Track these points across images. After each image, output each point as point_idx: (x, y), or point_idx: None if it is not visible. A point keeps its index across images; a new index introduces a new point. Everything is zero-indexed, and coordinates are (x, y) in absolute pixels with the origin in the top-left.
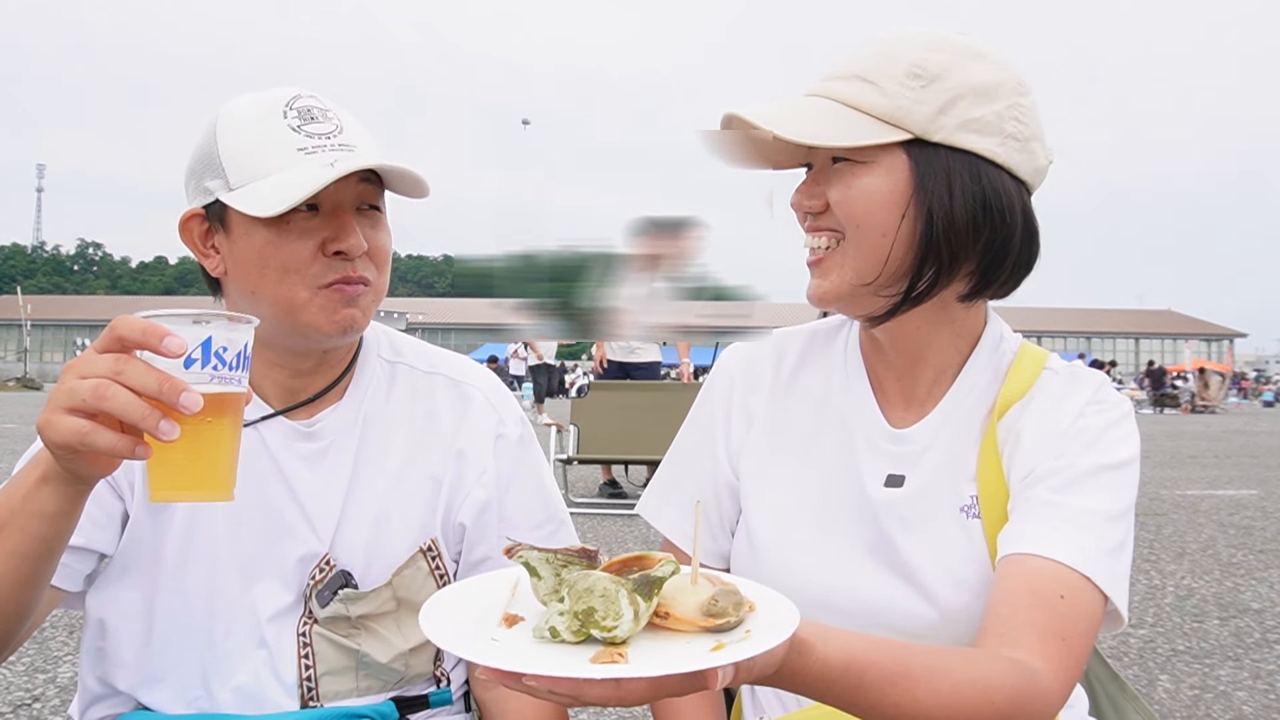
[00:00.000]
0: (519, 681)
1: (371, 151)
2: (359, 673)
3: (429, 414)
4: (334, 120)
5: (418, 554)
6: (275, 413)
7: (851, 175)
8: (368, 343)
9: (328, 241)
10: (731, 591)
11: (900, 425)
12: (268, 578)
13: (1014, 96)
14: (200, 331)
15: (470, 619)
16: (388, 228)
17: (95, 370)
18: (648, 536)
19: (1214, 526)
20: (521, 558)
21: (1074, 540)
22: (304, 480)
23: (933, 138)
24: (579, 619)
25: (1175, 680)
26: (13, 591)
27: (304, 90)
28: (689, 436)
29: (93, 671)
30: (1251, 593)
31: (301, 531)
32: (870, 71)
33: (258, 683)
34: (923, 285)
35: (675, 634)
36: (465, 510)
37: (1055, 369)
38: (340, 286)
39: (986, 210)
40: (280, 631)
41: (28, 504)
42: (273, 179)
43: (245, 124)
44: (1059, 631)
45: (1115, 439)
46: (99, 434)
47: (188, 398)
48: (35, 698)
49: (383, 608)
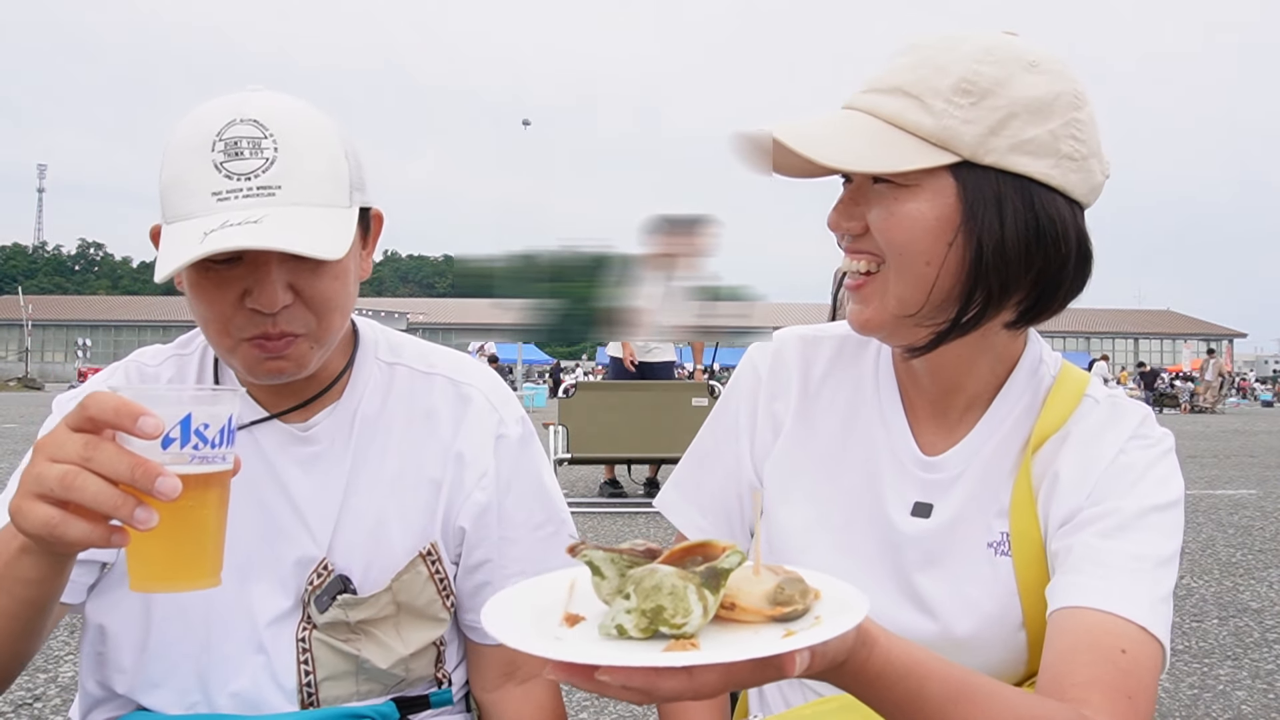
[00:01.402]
0: (590, 678)
1: (298, 192)
2: (359, 678)
3: (428, 415)
4: (265, 153)
5: (417, 558)
6: (270, 416)
7: (893, 199)
8: (365, 343)
9: (246, 294)
10: (796, 579)
11: (931, 450)
12: (265, 583)
13: (1070, 111)
14: (179, 409)
15: (530, 619)
16: (339, 268)
17: (64, 454)
18: (649, 536)
19: (1213, 526)
20: (585, 556)
21: (1129, 591)
22: (300, 484)
23: (983, 160)
24: (646, 617)
25: (1174, 680)
26: (11, 645)
27: (255, 105)
28: (712, 433)
29: (92, 675)
30: (1250, 592)
31: (298, 536)
32: (914, 85)
33: (256, 688)
34: (969, 317)
35: (742, 625)
36: (465, 514)
37: (1096, 397)
38: (259, 343)
39: (1040, 238)
40: (278, 637)
41: (11, 571)
42: (182, 227)
43: (178, 153)
44: (1125, 689)
45: (1160, 478)
46: (69, 524)
47: (164, 483)
48: (36, 697)
49: (382, 613)
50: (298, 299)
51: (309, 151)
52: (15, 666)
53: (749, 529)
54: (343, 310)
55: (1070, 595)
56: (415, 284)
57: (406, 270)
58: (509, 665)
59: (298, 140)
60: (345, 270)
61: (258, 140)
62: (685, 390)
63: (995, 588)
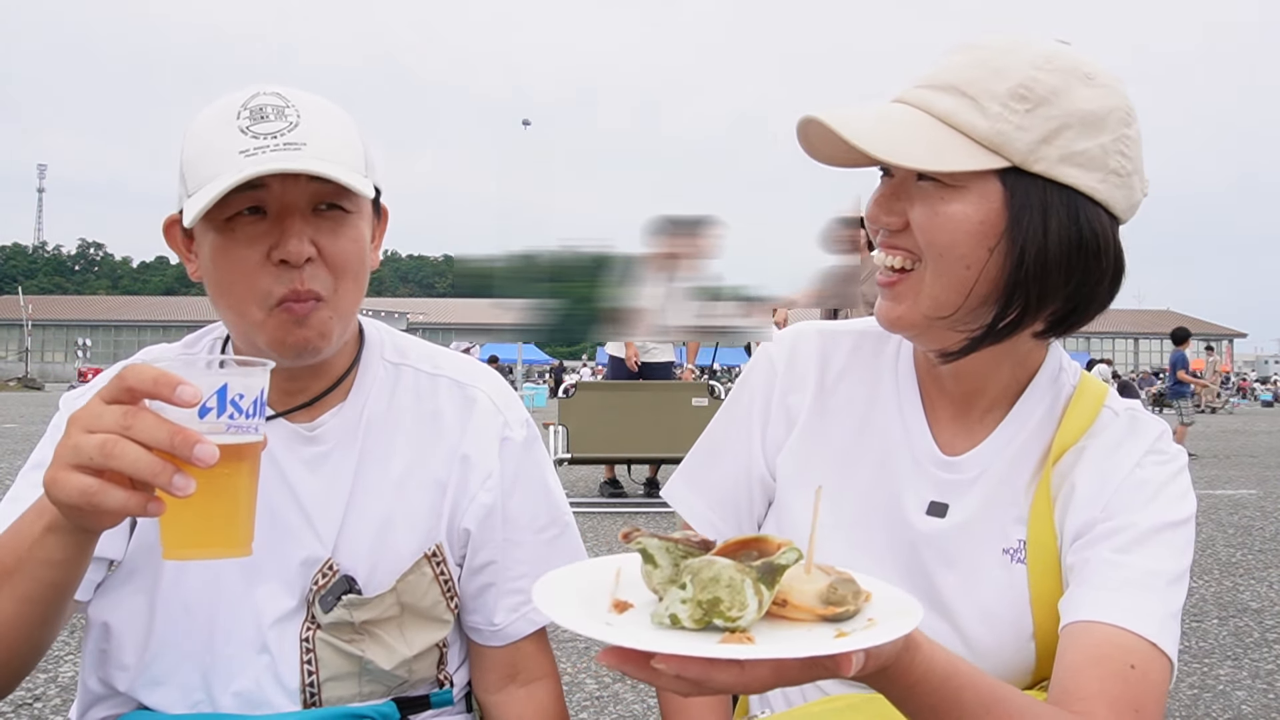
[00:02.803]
0: (643, 665)
1: (322, 150)
2: (362, 678)
3: (433, 417)
4: (289, 117)
5: (422, 559)
6: (275, 415)
7: (939, 198)
8: (370, 344)
9: (273, 248)
10: (849, 580)
11: (950, 451)
12: (269, 582)
13: (1121, 128)
14: (215, 379)
15: (578, 604)
16: (356, 232)
17: (102, 424)
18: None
19: (1213, 526)
20: (640, 544)
21: (1140, 607)
22: (306, 484)
23: (1032, 168)
24: (702, 608)
25: (1174, 680)
26: (29, 632)
27: (274, 87)
28: (723, 426)
29: (94, 673)
30: (1250, 592)
31: (304, 536)
32: (970, 85)
33: (259, 688)
34: (1005, 324)
35: (793, 622)
36: (470, 515)
37: (1115, 409)
38: (289, 305)
39: (1082, 251)
40: (282, 637)
41: (35, 552)
42: (211, 186)
43: (203, 129)
44: (1132, 703)
45: (1175, 495)
46: (108, 493)
47: (202, 450)
48: (36, 697)
49: (387, 613)
50: (320, 256)
51: (328, 123)
52: (32, 657)
53: (757, 522)
54: (357, 281)
55: (1083, 609)
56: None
57: (406, 270)
58: (512, 667)
59: (317, 114)
60: (361, 236)
61: (281, 107)
62: (685, 390)
63: (1009, 593)
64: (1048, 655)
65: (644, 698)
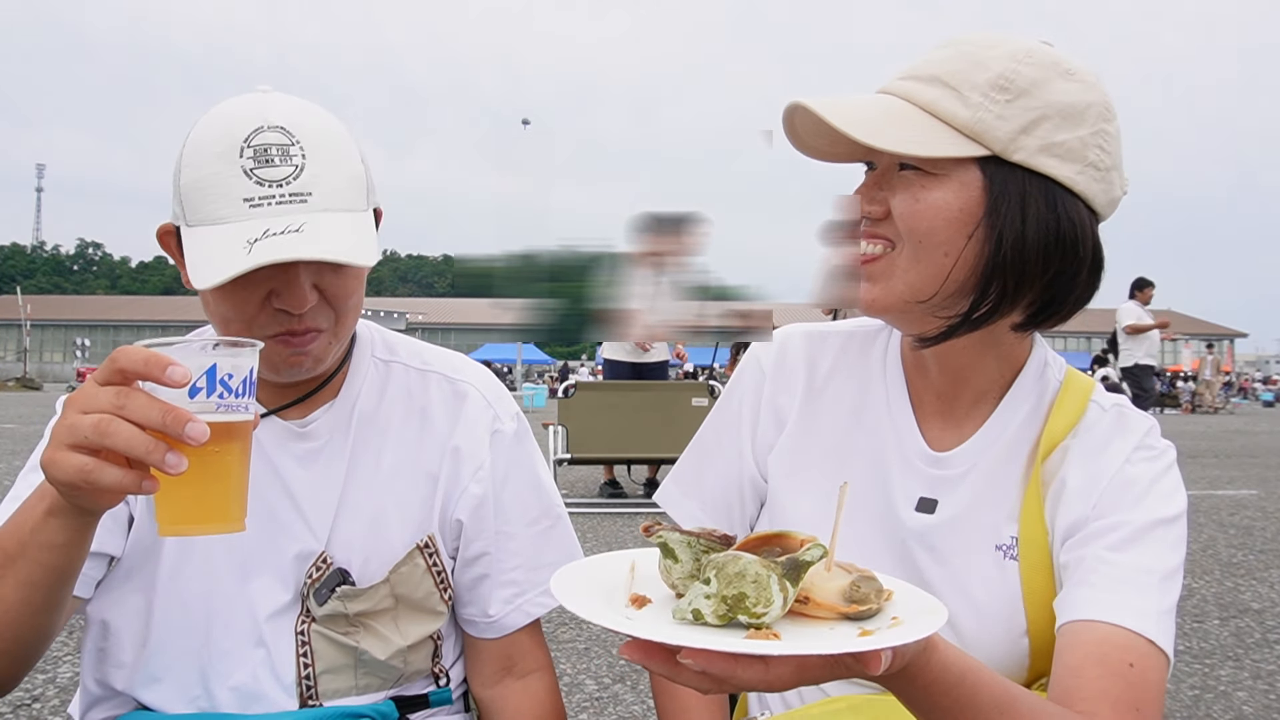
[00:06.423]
0: (667, 660)
1: (328, 198)
2: (358, 670)
3: (424, 411)
4: (294, 160)
5: (415, 551)
6: (267, 412)
7: (920, 186)
8: (361, 341)
9: (273, 294)
10: (870, 578)
11: (938, 447)
12: (264, 576)
13: (1100, 122)
14: (204, 359)
15: (596, 597)
16: (356, 272)
17: (97, 405)
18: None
19: (1214, 526)
20: (660, 538)
21: (1136, 604)
22: (299, 479)
23: (1011, 157)
24: (727, 603)
25: (1175, 680)
26: (32, 618)
27: (276, 109)
28: (714, 428)
29: (93, 672)
30: (1251, 593)
31: (297, 530)
32: (952, 76)
33: (256, 682)
34: (982, 312)
35: (815, 620)
36: (462, 506)
37: (1102, 404)
38: (286, 338)
39: (1059, 241)
40: (278, 630)
41: (36, 536)
42: (215, 232)
43: (203, 160)
44: (1132, 702)
45: (1166, 491)
46: (103, 471)
47: (193, 428)
48: (35, 698)
49: (380, 605)
50: (321, 297)
51: (333, 160)
52: (37, 645)
53: (749, 524)
54: (357, 308)
55: (1079, 609)
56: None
57: (405, 270)
58: (507, 659)
59: (322, 150)
60: (362, 270)
61: (286, 147)
62: (685, 390)
63: (1001, 590)
64: (1042, 652)
65: (644, 698)
